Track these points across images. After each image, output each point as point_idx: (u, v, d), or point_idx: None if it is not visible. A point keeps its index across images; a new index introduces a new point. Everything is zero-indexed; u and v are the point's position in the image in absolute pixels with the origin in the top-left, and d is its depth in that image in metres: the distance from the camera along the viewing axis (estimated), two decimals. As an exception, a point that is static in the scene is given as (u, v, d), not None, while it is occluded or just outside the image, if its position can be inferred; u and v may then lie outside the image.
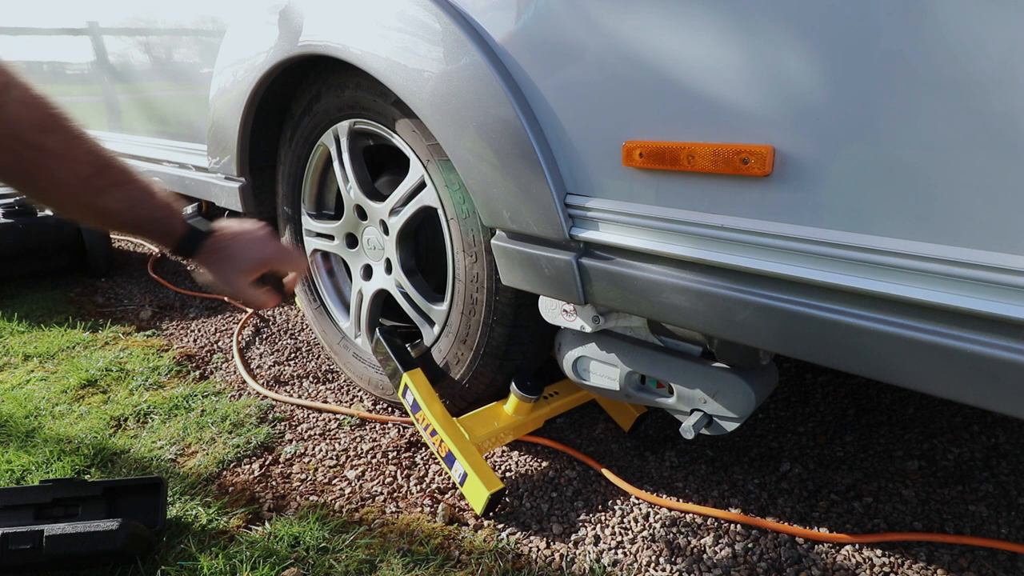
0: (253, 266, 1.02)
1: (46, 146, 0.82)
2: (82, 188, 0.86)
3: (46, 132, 0.82)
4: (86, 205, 0.88)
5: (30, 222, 2.39)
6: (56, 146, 0.83)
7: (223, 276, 1.01)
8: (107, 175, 0.88)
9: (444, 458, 1.22)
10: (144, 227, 0.94)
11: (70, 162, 0.84)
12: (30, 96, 0.80)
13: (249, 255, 1.01)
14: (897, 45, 0.62)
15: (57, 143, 0.83)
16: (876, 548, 1.10)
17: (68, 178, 0.85)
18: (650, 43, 0.78)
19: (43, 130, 0.82)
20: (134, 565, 1.05)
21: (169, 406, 1.57)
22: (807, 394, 1.57)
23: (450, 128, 1.03)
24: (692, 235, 0.82)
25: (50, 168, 0.83)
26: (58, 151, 0.83)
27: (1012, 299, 0.61)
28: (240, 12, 1.46)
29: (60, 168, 0.84)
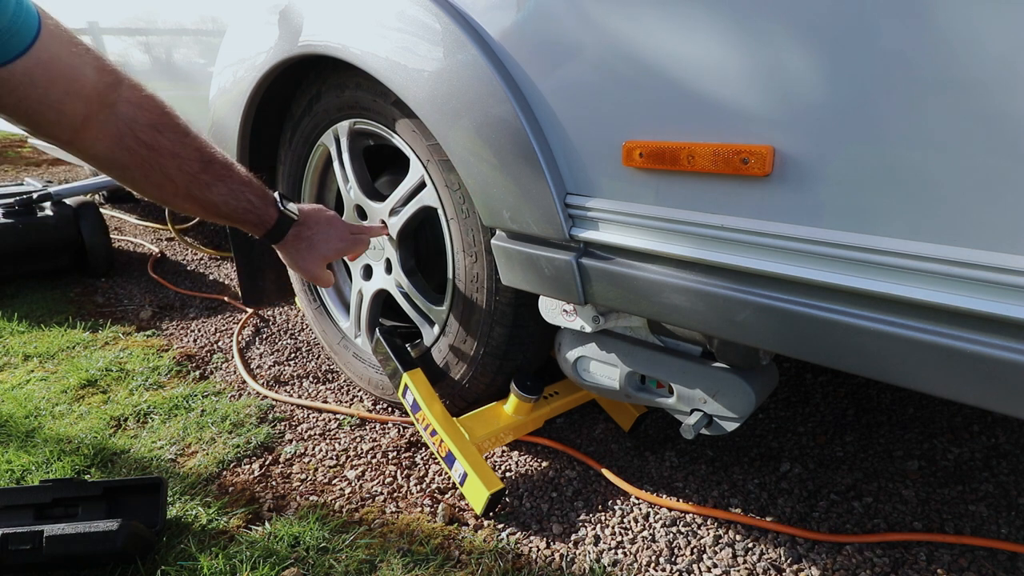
0: (333, 255, 1.13)
1: (160, 144, 0.87)
2: (191, 183, 0.91)
3: (159, 131, 0.86)
4: (193, 198, 0.93)
5: (30, 222, 2.39)
6: (168, 144, 0.87)
7: (304, 261, 1.10)
8: (212, 170, 0.93)
9: (444, 458, 1.22)
10: (242, 217, 1.00)
11: (181, 159, 0.89)
12: (141, 96, 0.85)
13: (331, 245, 1.11)
14: (897, 44, 0.62)
15: (169, 141, 0.88)
16: (876, 548, 1.10)
17: (179, 174, 0.89)
18: (650, 43, 0.78)
19: (156, 129, 0.86)
20: (134, 565, 1.05)
21: (169, 406, 1.57)
22: (807, 394, 1.57)
23: (450, 128, 1.03)
24: (692, 235, 0.82)
25: (163, 164, 0.88)
26: (170, 149, 0.88)
27: (1012, 299, 0.61)
28: (240, 12, 1.46)
29: (172, 164, 0.88)
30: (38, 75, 0.72)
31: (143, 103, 0.85)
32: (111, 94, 0.81)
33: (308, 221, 1.09)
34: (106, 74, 0.80)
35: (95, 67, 0.79)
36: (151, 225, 3.35)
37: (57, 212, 2.45)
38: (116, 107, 0.82)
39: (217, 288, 2.42)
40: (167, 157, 0.88)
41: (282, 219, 1.05)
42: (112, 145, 0.83)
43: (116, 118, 0.82)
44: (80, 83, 0.77)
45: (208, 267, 2.69)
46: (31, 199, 2.45)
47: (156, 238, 3.13)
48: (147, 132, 0.85)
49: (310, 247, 1.09)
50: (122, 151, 0.84)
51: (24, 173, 4.87)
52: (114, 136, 0.83)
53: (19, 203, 2.42)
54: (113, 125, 0.82)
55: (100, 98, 0.80)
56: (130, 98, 0.84)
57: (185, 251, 2.92)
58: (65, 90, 0.75)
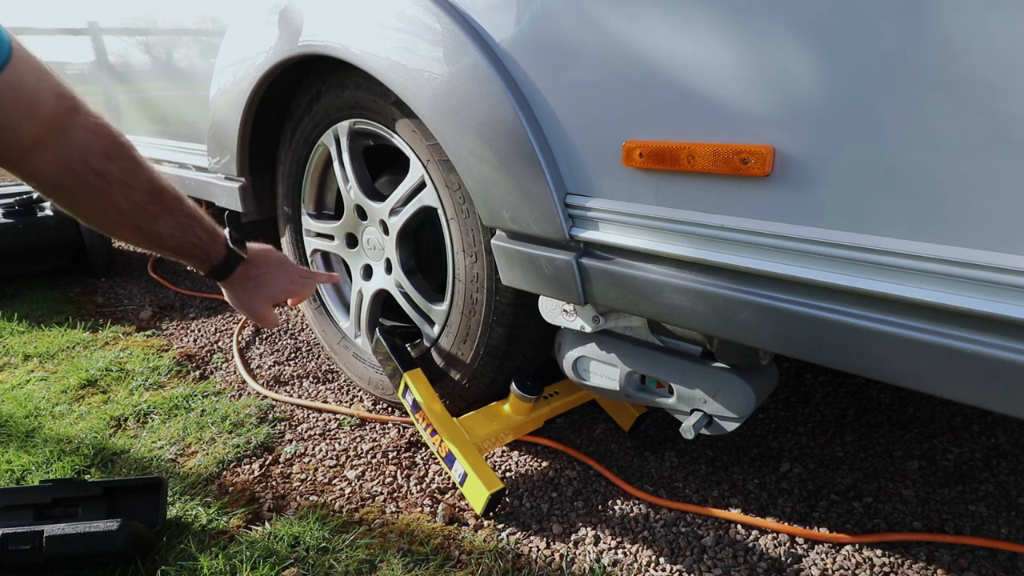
0: (280, 296, 1.11)
1: (110, 172, 0.86)
2: (138, 214, 0.90)
3: (111, 159, 0.86)
4: (138, 228, 0.92)
5: (30, 222, 2.39)
6: (119, 173, 0.87)
7: (249, 301, 1.08)
8: (161, 202, 0.92)
9: (444, 458, 1.22)
10: (188, 251, 0.98)
11: (129, 188, 0.88)
12: (95, 123, 0.84)
13: (279, 286, 1.10)
14: (897, 45, 0.62)
15: (120, 170, 0.87)
16: (876, 548, 1.10)
17: (126, 203, 0.88)
18: (650, 43, 0.78)
19: (108, 157, 0.85)
20: (134, 565, 1.05)
21: (169, 406, 1.57)
22: (807, 394, 1.57)
23: (450, 128, 1.03)
24: (692, 235, 0.82)
25: (111, 193, 0.87)
26: (120, 178, 0.87)
27: (1012, 299, 0.61)
28: (240, 12, 1.46)
29: (120, 194, 0.87)
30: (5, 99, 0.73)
31: (98, 130, 0.84)
32: (67, 119, 0.81)
33: (257, 260, 1.07)
34: (65, 100, 0.80)
35: (56, 92, 0.79)
36: (151, 225, 3.35)
37: (57, 212, 2.44)
38: (70, 132, 0.81)
39: (217, 288, 2.42)
40: (116, 185, 0.87)
41: (229, 256, 1.03)
42: (61, 169, 0.82)
43: (68, 142, 0.81)
44: (39, 106, 0.77)
45: (208, 267, 2.68)
46: (31, 199, 2.46)
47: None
48: (98, 160, 0.84)
49: (257, 286, 1.07)
50: (70, 176, 0.83)
51: (24, 173, 4.86)
52: (64, 160, 0.82)
53: (19, 203, 2.42)
54: (64, 150, 0.81)
55: (55, 122, 0.79)
56: (85, 124, 0.83)
57: (185, 251, 2.92)
58: (25, 113, 0.75)
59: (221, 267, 1.03)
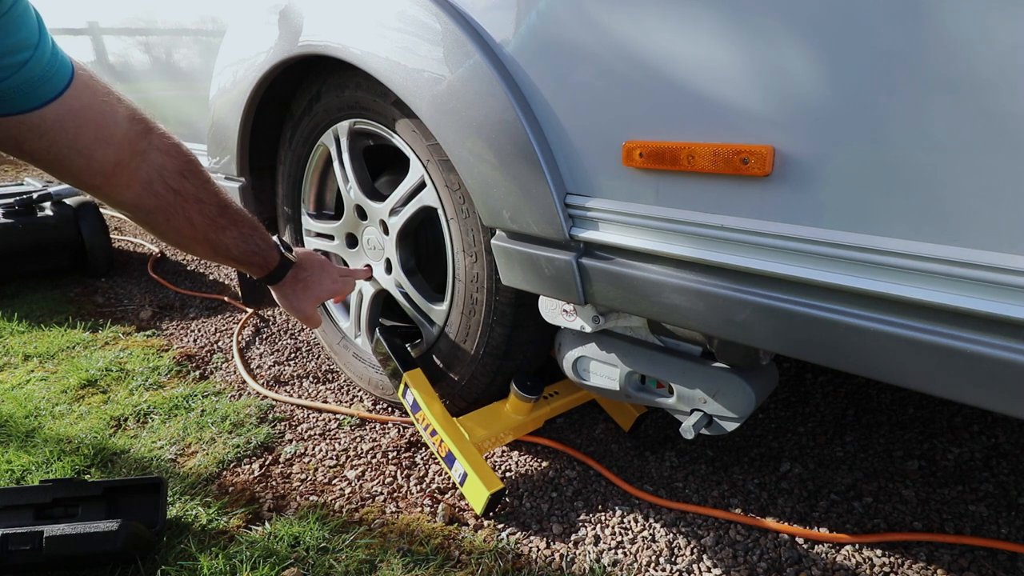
0: (326, 295, 1.17)
1: (186, 190, 0.90)
2: (209, 227, 0.95)
3: (186, 177, 0.90)
4: (208, 241, 0.96)
5: (30, 222, 2.39)
6: (193, 190, 0.91)
7: (299, 302, 1.14)
8: (227, 214, 0.97)
9: (444, 458, 1.22)
10: (249, 259, 1.04)
11: (203, 204, 0.93)
12: (169, 143, 0.88)
13: (324, 287, 1.16)
14: (897, 44, 0.62)
15: (194, 187, 0.91)
16: (876, 548, 1.10)
17: (200, 219, 0.93)
18: (650, 43, 0.78)
19: (183, 175, 0.90)
20: (134, 565, 1.05)
21: (169, 406, 1.57)
22: (807, 394, 1.57)
23: (450, 128, 1.03)
24: (692, 235, 0.82)
25: (187, 209, 0.91)
26: (195, 194, 0.92)
27: (1012, 299, 0.61)
28: (240, 12, 1.46)
29: (195, 210, 0.92)
30: (68, 121, 0.74)
31: (171, 150, 0.88)
32: (141, 142, 0.83)
33: (304, 264, 1.14)
34: (137, 123, 0.83)
35: (127, 116, 0.81)
36: (151, 225, 3.35)
37: (57, 212, 2.45)
38: (147, 155, 0.84)
39: (217, 288, 2.42)
40: (191, 202, 0.91)
41: (283, 261, 1.09)
42: (141, 191, 0.85)
43: (147, 165, 0.85)
44: (110, 131, 0.79)
45: (208, 267, 2.69)
46: (31, 199, 2.45)
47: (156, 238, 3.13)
48: (175, 179, 0.88)
49: (305, 288, 1.13)
50: (150, 197, 0.86)
51: (24, 173, 4.87)
52: (144, 183, 0.85)
53: (19, 203, 2.42)
54: (144, 172, 0.85)
55: (131, 146, 0.82)
56: (159, 146, 0.86)
57: (185, 251, 2.92)
58: (95, 136, 0.77)
59: (276, 272, 1.08)
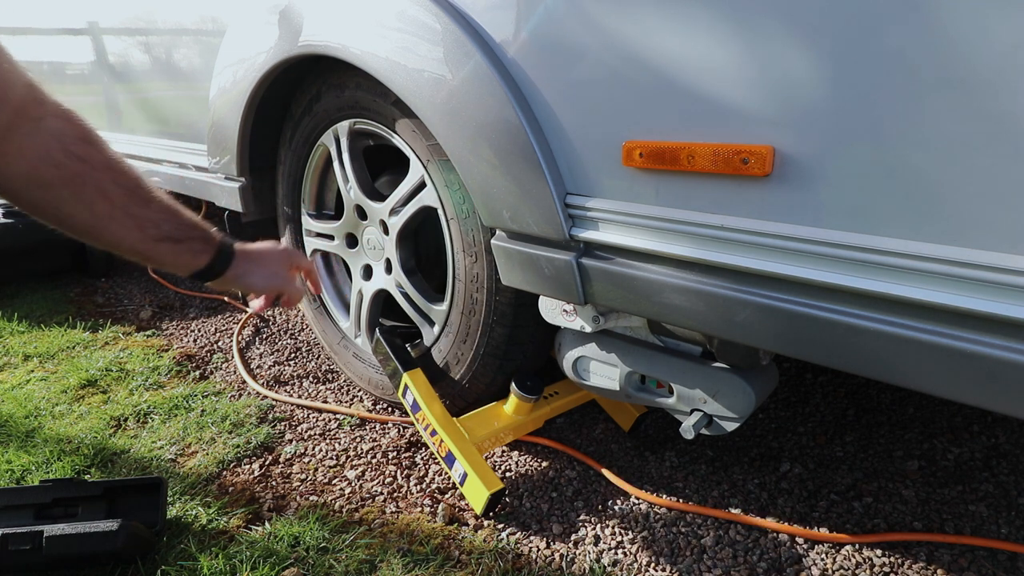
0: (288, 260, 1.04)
1: (92, 156, 0.80)
2: (130, 199, 0.84)
3: (90, 143, 0.81)
4: (132, 216, 0.84)
5: (30, 222, 2.38)
6: (100, 157, 0.81)
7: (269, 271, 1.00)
8: (145, 186, 0.86)
9: (444, 458, 1.22)
10: (186, 234, 0.89)
11: (115, 172, 0.82)
12: (65, 111, 0.80)
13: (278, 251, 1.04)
14: (897, 44, 0.62)
15: (99, 153, 0.81)
16: (876, 548, 1.10)
17: (115, 189, 0.82)
18: (650, 43, 0.78)
19: (87, 141, 0.80)
20: (134, 565, 1.05)
21: (169, 406, 1.57)
22: (807, 394, 1.57)
23: (450, 128, 1.03)
24: (692, 235, 0.82)
25: (98, 178, 0.81)
26: (103, 162, 0.81)
27: (1012, 299, 0.61)
28: (240, 12, 1.46)
29: (107, 177, 0.82)
30: None
31: (70, 116, 0.79)
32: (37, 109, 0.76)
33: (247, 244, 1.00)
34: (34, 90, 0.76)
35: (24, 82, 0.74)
36: (151, 225, 3.35)
37: (57, 212, 2.44)
38: (42, 121, 0.76)
39: (217, 289, 2.42)
40: (101, 170, 0.80)
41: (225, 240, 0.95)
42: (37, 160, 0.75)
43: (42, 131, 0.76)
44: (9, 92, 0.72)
45: (208, 267, 2.69)
46: (31, 199, 2.45)
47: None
48: (78, 144, 0.79)
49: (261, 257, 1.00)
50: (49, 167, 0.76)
51: (24, 173, 4.86)
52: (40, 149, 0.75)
53: (19, 203, 2.41)
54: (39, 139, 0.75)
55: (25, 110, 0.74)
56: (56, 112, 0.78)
57: (185, 251, 2.92)
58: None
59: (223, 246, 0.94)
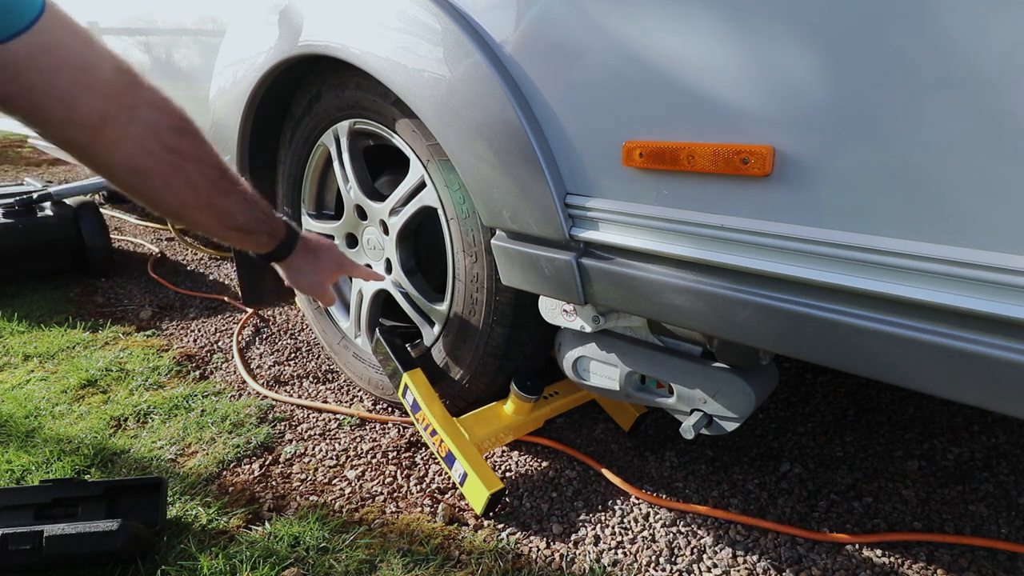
0: (337, 268, 1.13)
1: (183, 148, 0.82)
2: (212, 190, 0.87)
3: (181, 134, 0.82)
4: (213, 207, 0.88)
5: (30, 222, 2.39)
6: (191, 148, 0.83)
7: (313, 274, 1.09)
8: (228, 177, 0.90)
9: (444, 458, 1.22)
10: (257, 227, 0.96)
11: (203, 164, 0.85)
12: (159, 97, 0.80)
13: (334, 257, 1.13)
14: (898, 44, 0.62)
15: (191, 145, 0.83)
16: (876, 548, 1.10)
17: (201, 180, 0.85)
18: (650, 43, 0.78)
19: (178, 132, 0.82)
20: (134, 565, 1.05)
21: (169, 406, 1.57)
22: (807, 394, 1.57)
23: (450, 128, 1.03)
24: (692, 235, 0.82)
25: (187, 170, 0.83)
26: (193, 153, 0.84)
27: (1012, 299, 0.61)
28: (240, 12, 1.46)
29: (196, 171, 0.84)
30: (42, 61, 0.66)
31: (163, 105, 0.80)
32: (130, 95, 0.75)
33: (310, 237, 1.09)
34: (124, 73, 0.75)
35: (112, 65, 0.73)
36: (151, 225, 3.35)
37: (57, 212, 2.45)
38: (137, 109, 0.76)
39: (217, 288, 2.42)
40: (190, 162, 0.83)
41: (291, 230, 1.03)
42: (134, 150, 0.77)
43: (138, 120, 0.76)
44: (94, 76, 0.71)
45: (208, 267, 2.69)
46: (31, 199, 2.45)
47: (156, 238, 3.13)
48: (171, 136, 0.80)
49: (317, 259, 1.08)
50: (145, 156, 0.78)
51: (24, 173, 4.87)
52: (136, 140, 0.77)
53: (19, 203, 2.42)
54: (136, 128, 0.76)
55: (118, 97, 0.73)
56: (150, 100, 0.78)
57: (185, 251, 2.93)
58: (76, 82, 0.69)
59: (286, 242, 1.02)
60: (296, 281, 1.08)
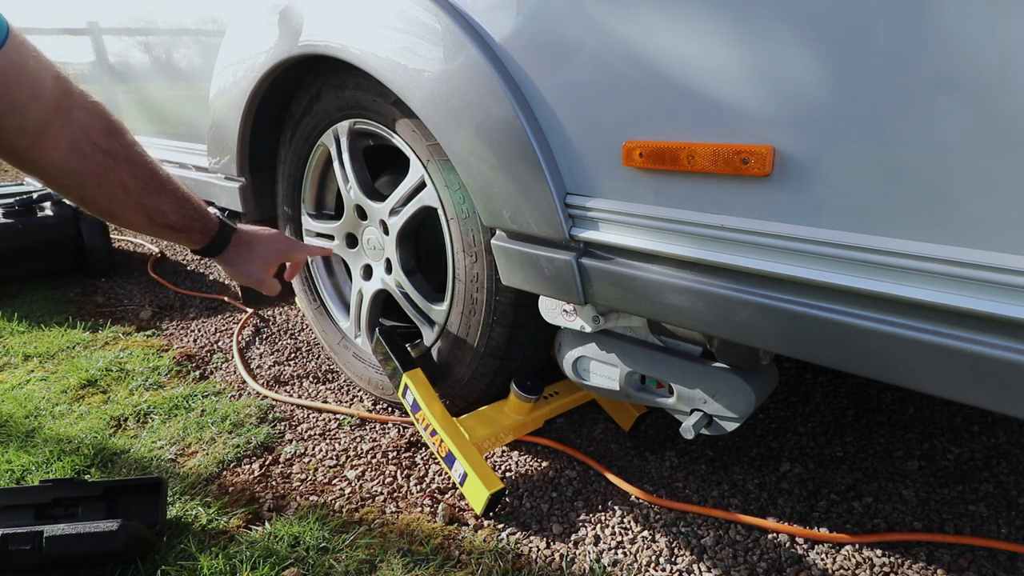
0: (275, 258, 1.14)
1: (114, 150, 0.87)
2: (143, 190, 0.92)
3: (112, 136, 0.87)
4: (143, 207, 0.93)
5: (30, 222, 2.39)
6: (121, 150, 0.88)
7: (248, 267, 1.11)
8: (158, 178, 0.94)
9: (444, 458, 1.22)
10: (188, 225, 1.00)
11: (133, 164, 0.90)
12: (91, 102, 0.85)
13: (271, 247, 1.14)
14: (897, 44, 0.62)
15: (121, 147, 0.88)
16: (876, 548, 1.10)
17: (132, 180, 0.90)
18: (650, 43, 0.78)
19: (110, 133, 0.87)
20: (134, 565, 1.05)
21: (169, 406, 1.57)
22: (807, 394, 1.57)
23: (450, 128, 1.03)
24: (692, 235, 0.82)
25: (118, 172, 0.88)
26: (123, 154, 0.88)
27: (1012, 299, 0.61)
28: (240, 12, 1.46)
29: (126, 171, 0.89)
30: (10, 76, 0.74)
31: (95, 108, 0.85)
32: (67, 100, 0.82)
33: (245, 230, 1.11)
34: (62, 81, 0.81)
35: (52, 75, 0.80)
36: (151, 225, 3.35)
37: (57, 212, 2.45)
38: (71, 113, 0.82)
39: (217, 288, 2.42)
40: (121, 162, 0.88)
41: (223, 226, 1.05)
42: (68, 152, 0.82)
43: (72, 124, 0.82)
44: (41, 88, 0.78)
45: (208, 267, 2.69)
46: (31, 199, 2.45)
47: (156, 238, 3.13)
48: (102, 137, 0.85)
49: (250, 252, 1.10)
50: (78, 158, 0.83)
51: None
52: (70, 142, 0.82)
53: (19, 203, 2.42)
54: (70, 131, 0.82)
55: (57, 103, 0.80)
56: (83, 103, 0.84)
57: (185, 251, 2.92)
58: (29, 94, 0.76)
59: (218, 237, 1.04)
60: (233, 273, 1.12)
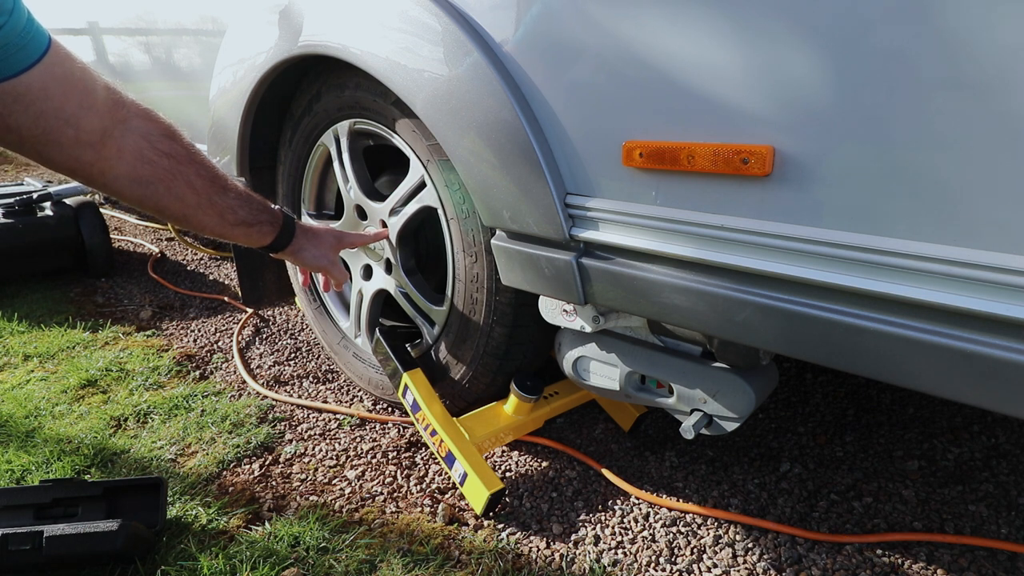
0: (337, 243, 1.18)
1: (177, 152, 0.88)
2: (211, 188, 0.93)
3: (172, 139, 0.88)
4: (214, 205, 0.94)
5: (30, 222, 2.39)
6: (183, 151, 0.89)
7: (320, 250, 1.15)
8: (220, 176, 0.96)
9: (444, 458, 1.22)
10: (257, 218, 1.02)
11: (197, 164, 0.91)
12: (144, 109, 0.86)
13: (332, 234, 1.17)
14: (898, 44, 0.62)
15: (183, 148, 0.89)
16: (876, 548, 1.10)
17: (199, 180, 0.91)
18: (650, 43, 0.78)
19: (170, 137, 0.88)
20: (134, 565, 1.05)
21: (169, 406, 1.57)
22: (807, 394, 1.57)
23: (450, 128, 1.03)
24: (692, 235, 0.82)
25: (184, 172, 0.89)
26: (186, 156, 0.90)
27: (1012, 299, 0.61)
28: (240, 12, 1.46)
29: (192, 171, 0.90)
30: (53, 89, 0.73)
31: (149, 115, 0.86)
32: (121, 110, 0.82)
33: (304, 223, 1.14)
34: (112, 92, 0.82)
35: (102, 85, 0.80)
36: (151, 225, 3.35)
37: (57, 212, 2.45)
38: (128, 122, 0.83)
39: (217, 288, 2.42)
40: (185, 164, 0.89)
41: (287, 215, 1.08)
42: (135, 160, 0.83)
43: (132, 132, 0.83)
44: (93, 97, 0.78)
45: (208, 267, 2.69)
46: (31, 199, 2.45)
47: (156, 238, 3.13)
48: (163, 142, 0.86)
49: (316, 236, 1.13)
50: (145, 165, 0.84)
51: (24, 173, 4.87)
52: (134, 151, 0.83)
53: (19, 203, 2.42)
54: (131, 140, 0.83)
55: (112, 113, 0.80)
56: (137, 111, 0.85)
57: (185, 251, 2.93)
58: (80, 104, 0.76)
59: (286, 227, 1.07)
60: (303, 259, 1.13)
